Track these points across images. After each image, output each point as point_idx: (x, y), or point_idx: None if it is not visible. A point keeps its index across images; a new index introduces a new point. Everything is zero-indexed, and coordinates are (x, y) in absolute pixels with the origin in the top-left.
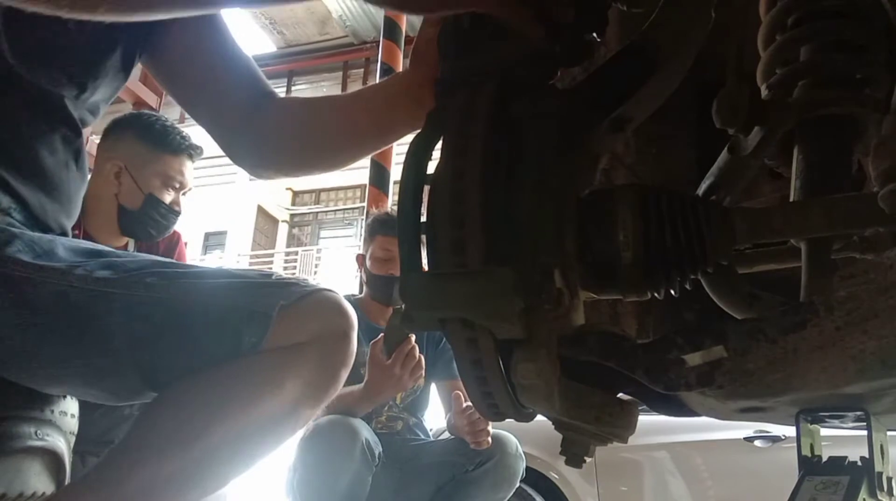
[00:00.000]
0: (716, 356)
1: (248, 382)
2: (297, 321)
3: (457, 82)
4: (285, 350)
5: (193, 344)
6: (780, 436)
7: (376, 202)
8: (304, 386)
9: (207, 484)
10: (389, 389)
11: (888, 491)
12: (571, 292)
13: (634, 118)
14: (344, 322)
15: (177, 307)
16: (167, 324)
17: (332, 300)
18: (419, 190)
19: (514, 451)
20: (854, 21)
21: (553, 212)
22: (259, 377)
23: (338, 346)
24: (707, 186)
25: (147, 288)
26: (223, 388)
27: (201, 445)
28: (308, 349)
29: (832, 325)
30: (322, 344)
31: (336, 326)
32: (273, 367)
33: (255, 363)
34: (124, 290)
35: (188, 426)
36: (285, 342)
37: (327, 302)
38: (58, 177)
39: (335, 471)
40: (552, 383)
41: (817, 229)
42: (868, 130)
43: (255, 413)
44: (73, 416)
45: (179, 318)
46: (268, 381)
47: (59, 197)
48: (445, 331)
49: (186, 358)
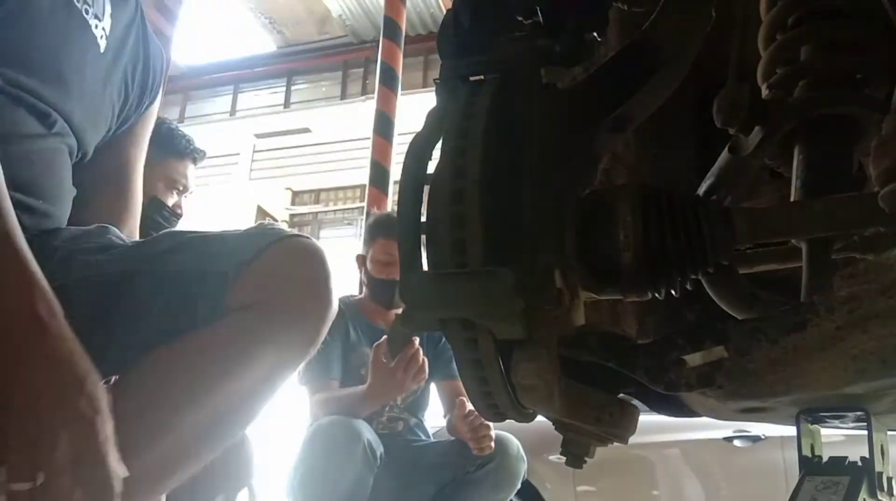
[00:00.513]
0: (716, 356)
1: (214, 357)
2: (261, 275)
3: (456, 81)
4: (250, 311)
5: (147, 316)
6: (760, 436)
7: (376, 202)
8: (277, 350)
9: (181, 472)
10: (392, 391)
11: (888, 491)
12: (571, 292)
13: (634, 118)
14: (316, 270)
15: (122, 280)
16: (113, 299)
17: (302, 246)
18: (419, 190)
19: (516, 452)
20: (854, 21)
21: (553, 212)
22: (225, 350)
23: (312, 297)
24: (707, 187)
25: (90, 266)
26: (187, 368)
27: (170, 436)
28: (277, 305)
29: (832, 325)
30: (293, 298)
31: (307, 275)
32: (240, 334)
33: (219, 333)
34: (73, 269)
35: (154, 417)
36: (249, 301)
37: (295, 249)
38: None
39: (337, 472)
40: (552, 383)
41: (817, 228)
42: (868, 130)
43: (225, 393)
44: None
45: (125, 290)
46: (235, 352)
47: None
48: (445, 331)
49: (142, 333)
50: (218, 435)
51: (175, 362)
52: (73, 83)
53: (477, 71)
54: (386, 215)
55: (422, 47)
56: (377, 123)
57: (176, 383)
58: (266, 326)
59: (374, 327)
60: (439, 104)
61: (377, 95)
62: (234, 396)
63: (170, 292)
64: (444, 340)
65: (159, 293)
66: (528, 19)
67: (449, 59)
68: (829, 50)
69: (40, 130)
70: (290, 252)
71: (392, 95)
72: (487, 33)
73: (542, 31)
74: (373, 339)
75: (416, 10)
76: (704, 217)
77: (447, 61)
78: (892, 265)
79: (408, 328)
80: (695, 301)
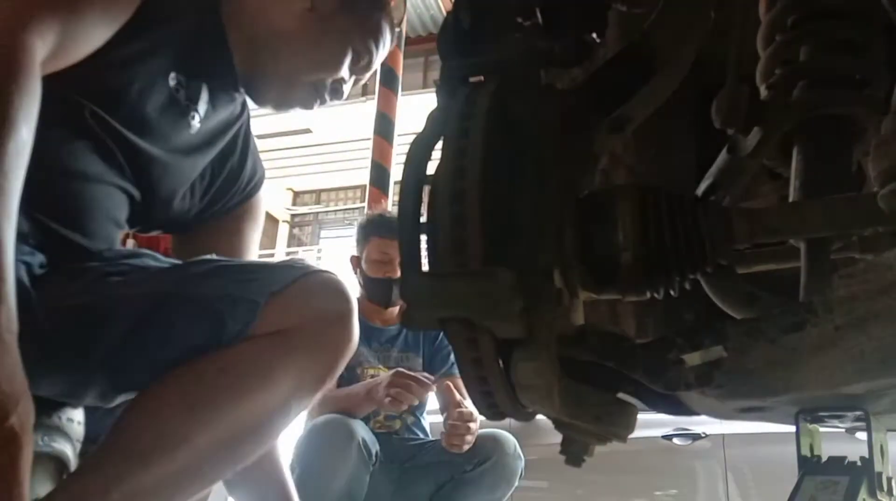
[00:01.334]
0: (715, 355)
1: (235, 376)
2: (287, 305)
3: (456, 82)
4: (274, 337)
5: (176, 336)
6: (700, 434)
7: (377, 202)
8: (296, 376)
9: (194, 488)
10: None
11: (888, 491)
12: (571, 292)
13: (634, 118)
14: (340, 304)
15: (155, 299)
16: (145, 316)
17: (328, 282)
18: (419, 190)
19: (513, 451)
20: (854, 21)
21: (553, 212)
22: (246, 370)
23: (334, 330)
24: (707, 187)
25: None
26: (207, 385)
27: (186, 450)
28: (300, 334)
29: (831, 325)
30: (316, 329)
31: (331, 308)
32: (261, 357)
33: (242, 354)
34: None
35: (172, 429)
36: (274, 329)
37: (322, 284)
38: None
39: (332, 471)
40: (552, 383)
41: (816, 229)
42: (868, 130)
43: (242, 412)
44: (79, 423)
45: (157, 309)
46: (256, 374)
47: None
48: (445, 331)
49: (168, 351)
50: (233, 454)
51: (197, 378)
52: (155, 136)
53: (477, 72)
54: (379, 215)
55: (422, 48)
56: (378, 124)
57: (197, 398)
58: (287, 352)
59: (371, 326)
60: (439, 105)
61: (377, 95)
62: (251, 416)
63: (201, 314)
64: (441, 336)
65: (191, 314)
66: (527, 20)
67: (449, 61)
68: (829, 50)
69: (100, 169)
70: (316, 286)
71: (392, 95)
72: (487, 34)
73: (542, 32)
74: (369, 338)
75: (416, 11)
76: (703, 217)
77: (447, 62)
78: (891, 265)
79: (408, 327)
80: (694, 301)
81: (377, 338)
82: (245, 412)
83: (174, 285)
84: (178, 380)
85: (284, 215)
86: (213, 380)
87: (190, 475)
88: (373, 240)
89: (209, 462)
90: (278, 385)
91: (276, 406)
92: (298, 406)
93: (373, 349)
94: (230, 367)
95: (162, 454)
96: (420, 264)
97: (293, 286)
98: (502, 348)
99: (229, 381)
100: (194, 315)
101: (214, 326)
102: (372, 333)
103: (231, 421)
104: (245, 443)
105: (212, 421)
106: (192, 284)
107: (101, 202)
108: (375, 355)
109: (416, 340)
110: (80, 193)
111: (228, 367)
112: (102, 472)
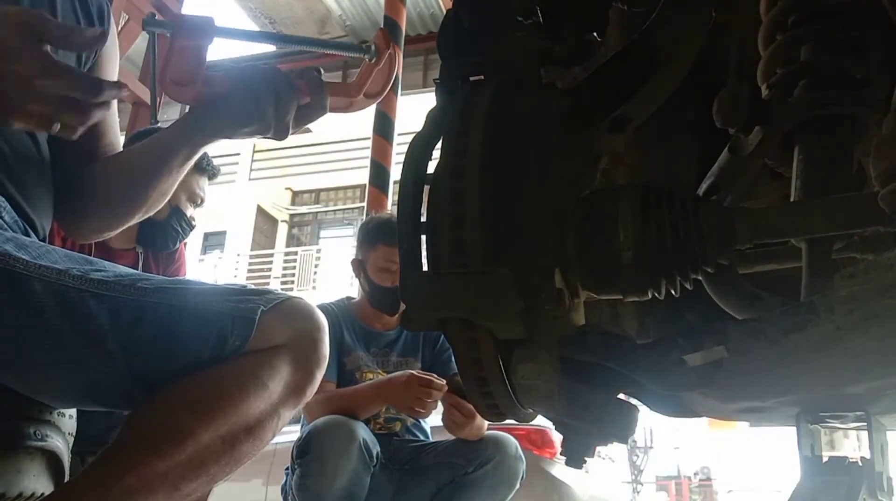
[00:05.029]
0: (716, 356)
1: (235, 381)
2: (274, 325)
3: (456, 81)
4: (265, 352)
5: (182, 347)
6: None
7: (376, 202)
8: (284, 386)
9: (199, 480)
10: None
11: (888, 492)
12: (572, 292)
13: (634, 118)
14: (315, 326)
15: (167, 310)
16: (158, 326)
17: (304, 307)
18: (419, 190)
19: (514, 452)
20: (854, 21)
21: (553, 212)
22: (244, 377)
23: (312, 348)
24: (707, 186)
25: (139, 292)
26: (212, 387)
27: (193, 443)
28: (285, 351)
29: (832, 325)
30: (297, 347)
31: (309, 329)
32: (257, 367)
33: (240, 365)
34: (117, 293)
35: (180, 424)
36: (265, 345)
37: (300, 308)
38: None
39: (332, 472)
40: (552, 383)
41: (817, 228)
42: (868, 130)
43: (242, 412)
44: (71, 417)
45: (169, 321)
46: (253, 380)
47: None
48: (445, 331)
49: (176, 361)
50: (232, 450)
51: (204, 379)
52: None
53: (477, 71)
54: (387, 220)
55: (422, 47)
56: (377, 123)
57: (203, 396)
58: (278, 363)
59: (371, 330)
60: (439, 104)
61: None
62: (247, 418)
63: (207, 328)
64: (442, 339)
65: (199, 327)
66: (527, 19)
67: (449, 60)
68: (829, 50)
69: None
70: (297, 309)
71: (392, 95)
72: (487, 34)
73: (542, 32)
74: (368, 342)
75: (416, 10)
76: (704, 217)
77: (447, 62)
78: (891, 265)
79: (408, 328)
80: (695, 301)
81: (376, 342)
82: (242, 414)
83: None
84: (186, 384)
85: (283, 214)
86: (216, 384)
87: (195, 466)
88: (380, 247)
89: (212, 456)
90: (271, 392)
91: (268, 411)
92: (286, 413)
93: (371, 354)
94: (231, 374)
95: (171, 445)
96: (420, 265)
97: (278, 308)
98: (502, 348)
99: (230, 385)
100: (201, 330)
101: (217, 340)
102: (371, 337)
103: (231, 420)
104: (242, 442)
105: (215, 418)
106: (196, 299)
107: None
108: (374, 359)
109: (416, 344)
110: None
111: (229, 374)
112: (118, 460)
